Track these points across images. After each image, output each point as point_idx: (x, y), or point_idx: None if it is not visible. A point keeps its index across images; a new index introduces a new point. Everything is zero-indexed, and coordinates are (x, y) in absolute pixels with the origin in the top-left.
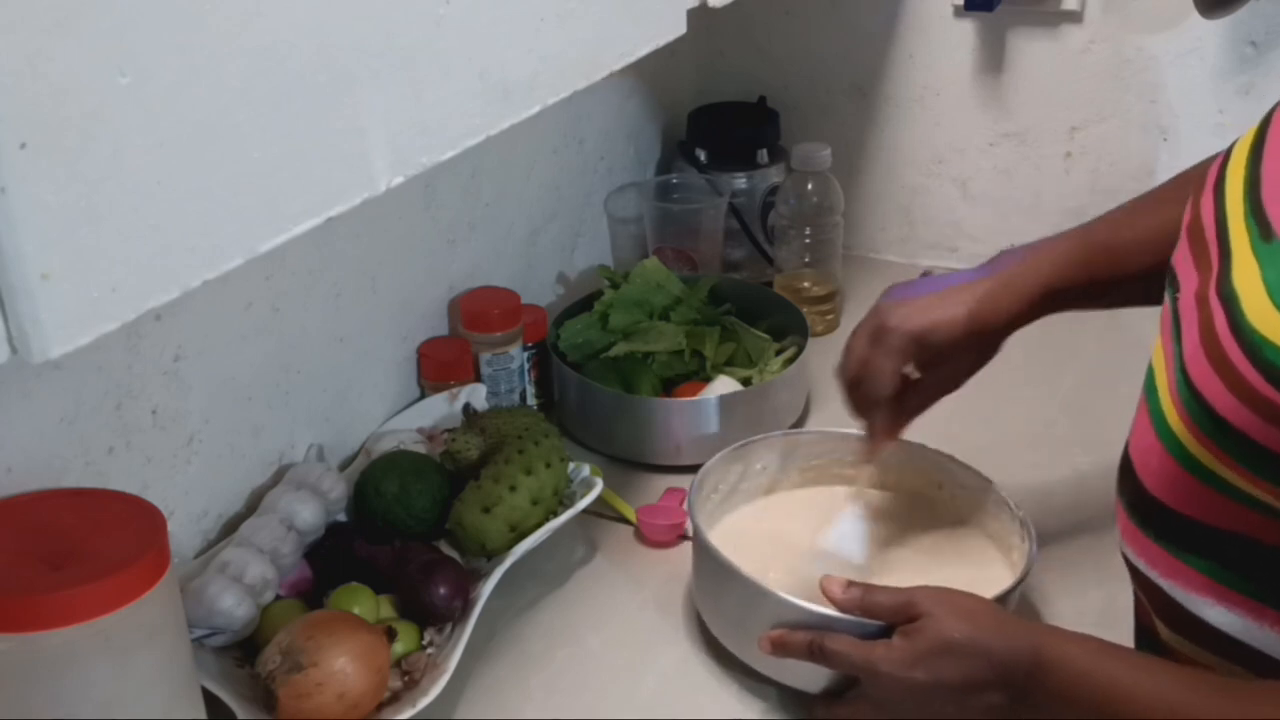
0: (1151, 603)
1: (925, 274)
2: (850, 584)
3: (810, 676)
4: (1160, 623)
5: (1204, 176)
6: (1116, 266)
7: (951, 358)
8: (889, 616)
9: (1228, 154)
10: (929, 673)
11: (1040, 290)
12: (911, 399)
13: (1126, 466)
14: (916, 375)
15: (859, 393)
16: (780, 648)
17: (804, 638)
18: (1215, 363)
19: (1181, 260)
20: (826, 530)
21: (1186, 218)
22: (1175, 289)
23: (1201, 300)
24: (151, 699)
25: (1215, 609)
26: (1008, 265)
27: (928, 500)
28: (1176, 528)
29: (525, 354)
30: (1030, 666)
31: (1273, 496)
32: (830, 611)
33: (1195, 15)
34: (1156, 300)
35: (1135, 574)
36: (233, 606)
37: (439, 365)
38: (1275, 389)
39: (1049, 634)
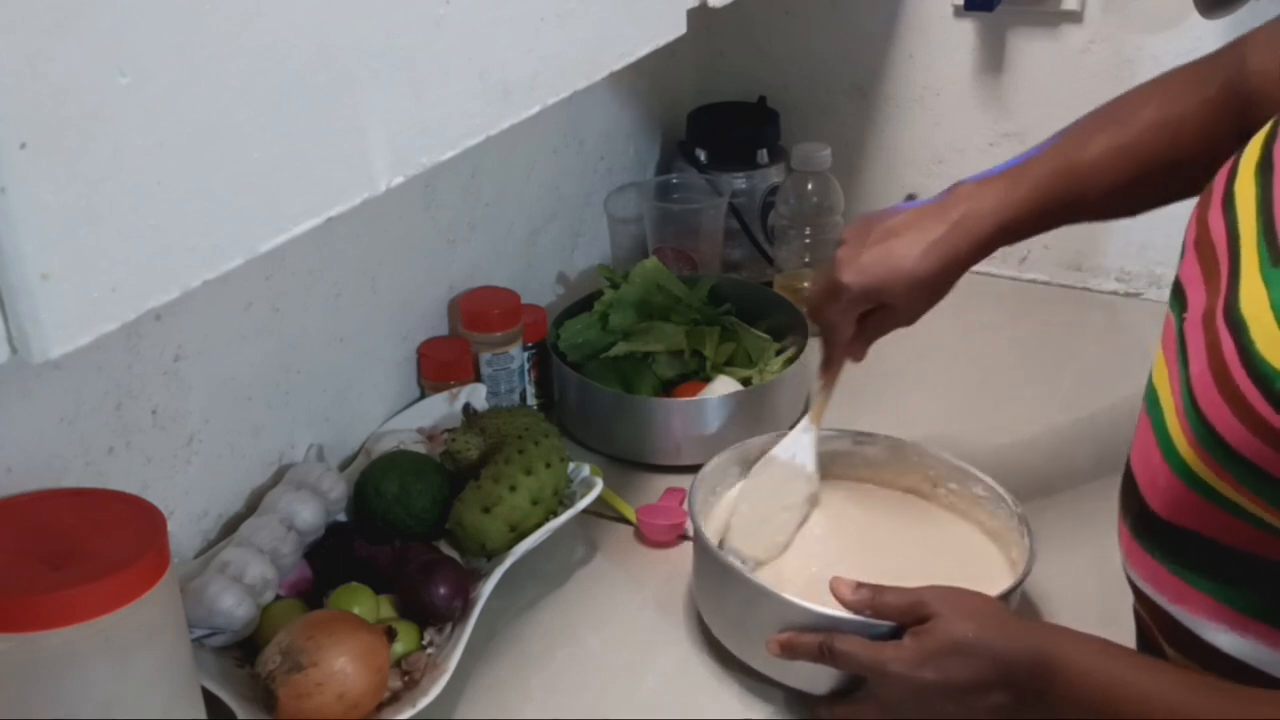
0: (1159, 627)
1: (910, 198)
2: (859, 585)
3: (813, 677)
4: (1167, 646)
5: (1209, 188)
6: (1073, 191)
7: (905, 301)
8: (898, 617)
9: (1234, 166)
10: (938, 673)
11: (993, 229)
12: (868, 330)
13: (1129, 484)
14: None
15: (824, 338)
16: (789, 650)
17: (813, 640)
18: (1225, 392)
19: (1189, 276)
20: (782, 442)
21: (1192, 232)
22: (1183, 307)
23: (1209, 323)
24: (151, 699)
25: (1226, 635)
26: (962, 202)
27: (927, 499)
28: (1183, 549)
29: (525, 354)
30: (1035, 666)
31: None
32: (833, 611)
33: (1195, 15)
34: (1116, 216)
35: (1141, 597)
36: (233, 606)
37: (439, 365)
38: None
39: (1055, 634)
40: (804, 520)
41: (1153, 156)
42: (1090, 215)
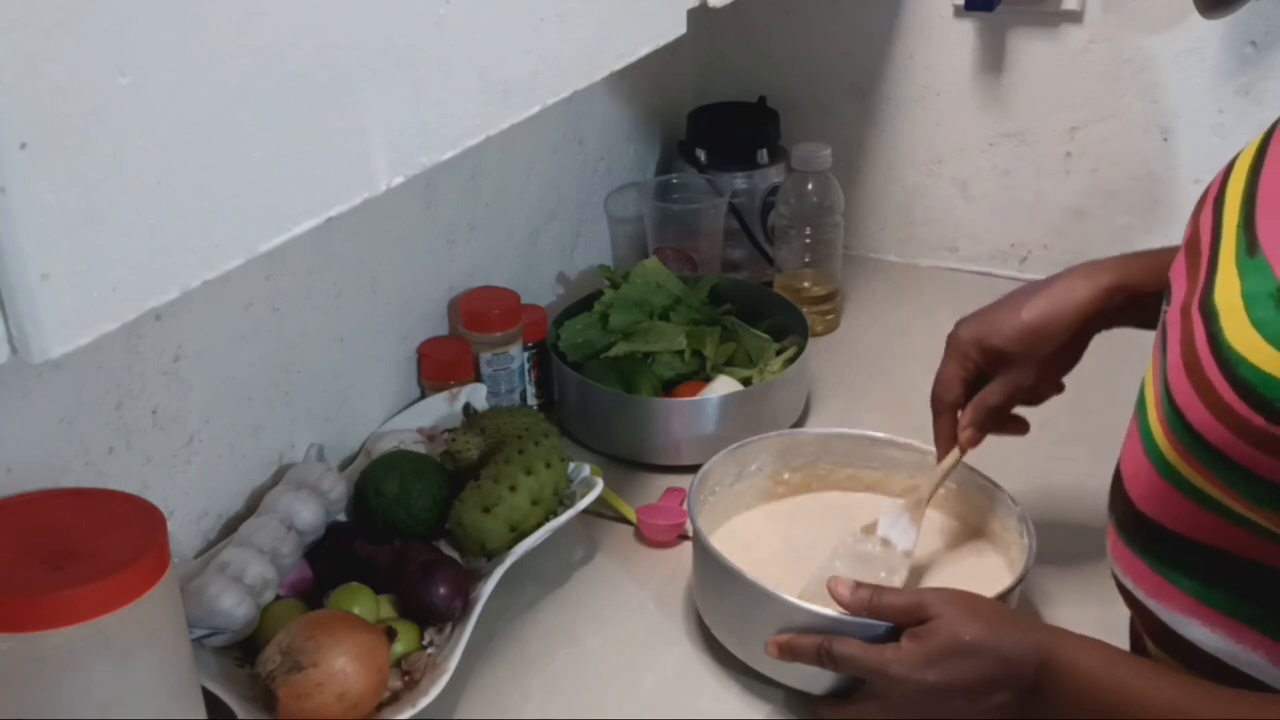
0: (1140, 622)
1: None
2: (858, 585)
3: (813, 677)
4: (1149, 641)
5: (1205, 190)
6: None
7: (1019, 362)
8: (898, 618)
9: (1229, 169)
10: (941, 674)
11: (1112, 282)
12: (983, 394)
13: (1117, 482)
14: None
15: (932, 398)
16: (788, 652)
17: (812, 643)
18: (1194, 378)
19: (1176, 273)
20: (879, 516)
21: (1187, 234)
22: (1168, 302)
23: (1185, 313)
24: (151, 699)
25: (1199, 629)
26: (1087, 263)
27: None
28: (1162, 543)
29: (525, 354)
30: (1039, 667)
31: (1252, 512)
32: (834, 612)
33: (1195, 15)
34: None
35: (1124, 592)
36: (233, 606)
37: (439, 365)
38: (1250, 407)
39: (1059, 636)
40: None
41: None
42: None
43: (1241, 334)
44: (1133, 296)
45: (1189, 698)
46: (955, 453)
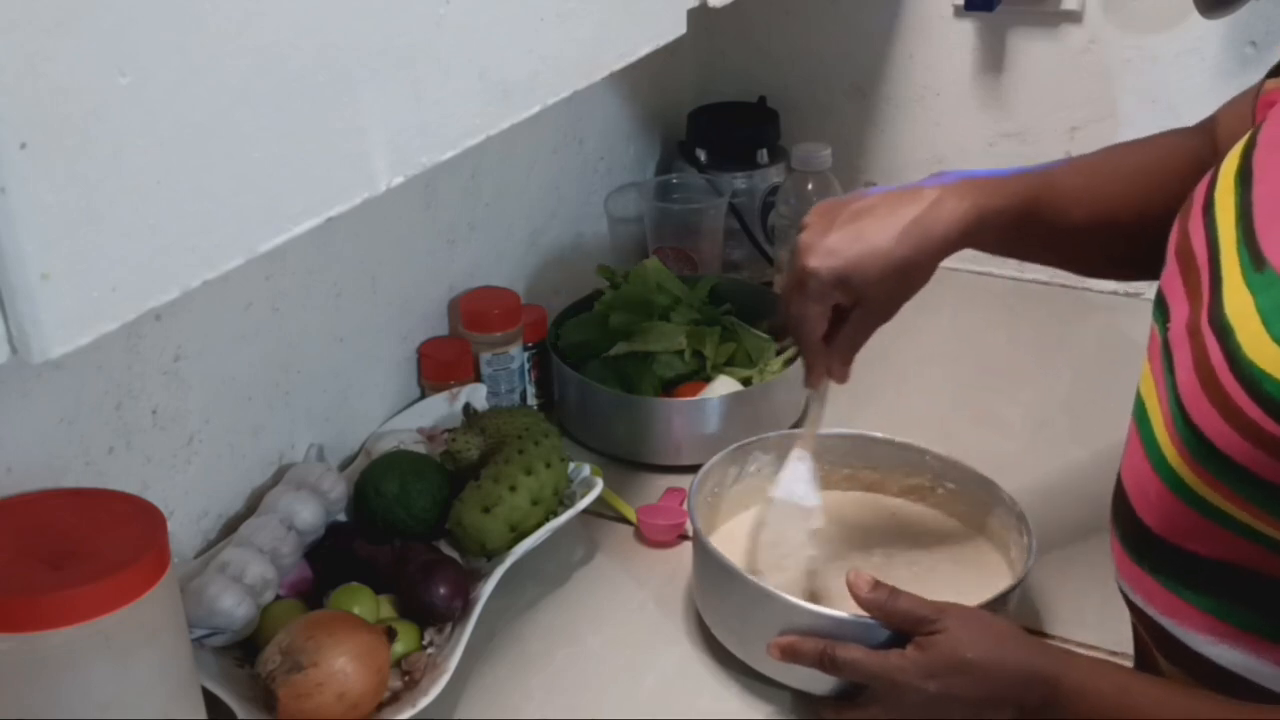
0: (1152, 639)
1: (868, 185)
2: (877, 584)
3: (814, 678)
4: (1161, 658)
5: (1190, 197)
6: (1054, 207)
7: (880, 290)
8: (908, 624)
9: (1214, 176)
10: (942, 686)
11: (973, 215)
12: (846, 337)
13: (1121, 498)
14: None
15: (795, 336)
16: (790, 655)
17: (814, 647)
18: (1213, 397)
19: (1170, 284)
20: (778, 479)
21: (1174, 240)
22: (1165, 317)
23: (1194, 331)
24: (151, 699)
25: (1217, 646)
26: (939, 188)
27: (925, 499)
28: (1176, 563)
29: (525, 354)
30: (1045, 691)
31: (1274, 528)
32: (832, 612)
33: (1195, 15)
34: (1086, 270)
35: (1134, 610)
36: (233, 606)
37: (439, 365)
38: (1276, 422)
39: (1067, 660)
40: (825, 552)
41: (1127, 199)
42: (1061, 246)
43: (1262, 350)
44: (990, 229)
45: (1195, 709)
46: (826, 384)
